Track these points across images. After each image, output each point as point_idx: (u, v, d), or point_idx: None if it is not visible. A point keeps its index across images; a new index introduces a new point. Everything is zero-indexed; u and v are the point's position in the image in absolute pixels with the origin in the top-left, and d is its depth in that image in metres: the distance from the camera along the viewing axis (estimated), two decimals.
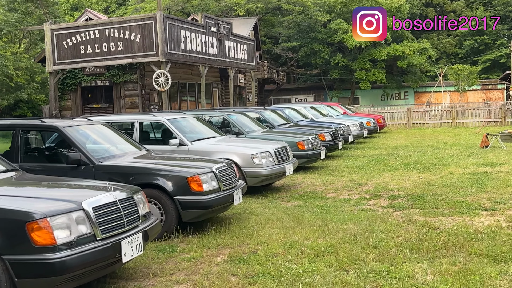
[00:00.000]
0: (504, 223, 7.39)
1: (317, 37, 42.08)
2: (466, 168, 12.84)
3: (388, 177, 11.98)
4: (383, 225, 7.45)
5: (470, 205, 8.65)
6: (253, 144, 10.96)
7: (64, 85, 22.64)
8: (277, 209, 8.99)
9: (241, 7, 36.77)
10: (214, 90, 28.14)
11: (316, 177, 12.51)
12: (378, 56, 41.90)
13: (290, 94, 47.86)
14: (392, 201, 9.40)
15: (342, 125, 18.80)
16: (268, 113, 16.91)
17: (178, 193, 7.06)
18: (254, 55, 28.32)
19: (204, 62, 22.46)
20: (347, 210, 8.73)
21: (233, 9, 37.47)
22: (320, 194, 10.30)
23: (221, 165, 7.73)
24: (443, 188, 10.34)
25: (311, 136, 13.86)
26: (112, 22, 20.20)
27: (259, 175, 10.11)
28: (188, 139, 10.57)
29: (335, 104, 27.70)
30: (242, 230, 7.43)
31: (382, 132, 26.44)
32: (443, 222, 7.60)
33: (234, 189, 7.77)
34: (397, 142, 20.66)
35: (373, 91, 46.83)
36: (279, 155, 10.62)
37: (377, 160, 14.99)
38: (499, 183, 10.56)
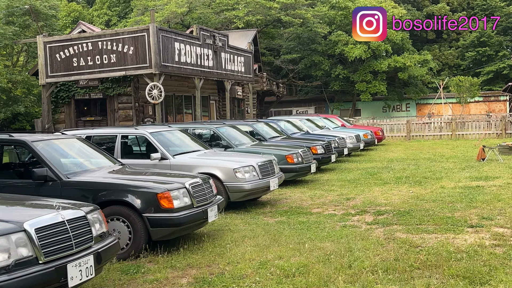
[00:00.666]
0: (488, 241, 7.09)
1: (318, 49, 41.92)
2: (459, 182, 12.53)
3: (377, 192, 11.68)
4: (362, 243, 7.15)
5: (456, 221, 8.34)
6: (237, 158, 10.70)
7: (57, 98, 22.48)
8: (257, 225, 8.70)
9: (240, 19, 36.68)
10: (211, 103, 27.95)
11: (304, 191, 12.23)
12: (378, 68, 41.69)
13: (291, 106, 47.64)
14: (377, 216, 9.10)
15: (337, 137, 18.52)
16: (260, 126, 16.66)
17: (147, 210, 6.80)
18: (251, 67, 28.14)
19: (199, 74, 22.26)
20: (329, 226, 8.44)
21: (233, 21, 37.38)
22: (305, 210, 10.01)
23: (195, 180, 7.47)
24: (432, 203, 10.04)
25: (301, 149, 13.59)
26: (105, 35, 20.06)
27: (242, 190, 9.84)
28: (170, 152, 10.33)
29: (333, 116, 27.43)
30: (216, 249, 7.15)
31: (381, 144, 26.14)
32: (425, 240, 7.30)
33: (209, 205, 7.49)
34: (394, 155, 20.36)
35: (375, 103, 46.59)
36: (264, 169, 10.35)
37: (370, 174, 14.69)
38: (490, 197, 10.24)
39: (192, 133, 13.72)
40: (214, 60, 23.51)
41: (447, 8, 52.64)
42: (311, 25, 39.82)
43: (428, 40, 54.25)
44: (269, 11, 38.18)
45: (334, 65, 43.32)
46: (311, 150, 15.22)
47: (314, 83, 45.15)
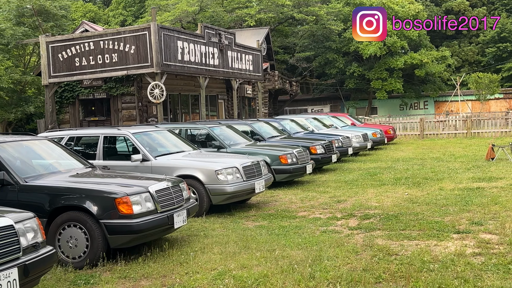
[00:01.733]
0: (470, 249, 6.59)
1: (332, 46, 41.33)
2: (460, 183, 11.96)
3: (372, 194, 11.19)
4: (335, 251, 6.71)
5: (444, 226, 7.84)
6: (221, 159, 10.31)
7: (62, 98, 22.38)
8: (234, 230, 8.31)
9: (252, 17, 36.27)
10: (219, 102, 27.61)
11: (297, 193, 11.79)
12: (394, 65, 40.93)
13: (306, 105, 47.08)
14: (362, 221, 8.63)
15: (340, 137, 18.00)
16: (259, 125, 16.25)
17: (105, 216, 6.45)
18: (260, 65, 27.72)
19: (204, 73, 21.93)
20: (308, 232, 8.00)
21: (244, 19, 36.98)
22: (291, 213, 9.58)
23: (161, 184, 7.09)
24: (425, 206, 9.53)
25: (296, 149, 13.14)
26: (107, 34, 19.84)
27: (224, 193, 9.45)
28: (153, 154, 10.01)
29: (343, 115, 26.88)
30: (180, 256, 6.77)
31: (392, 143, 25.50)
32: (404, 247, 6.83)
33: (177, 210, 7.11)
34: (402, 154, 19.76)
35: (391, 101, 45.80)
36: (249, 171, 9.95)
37: (370, 174, 14.18)
38: (487, 200, 9.69)
39: (185, 133, 13.41)
40: (220, 58, 23.16)
41: (467, 3, 51.48)
42: (325, 22, 39.22)
43: (447, 36, 53.13)
44: (282, 9, 37.73)
45: (349, 62, 42.66)
46: (310, 150, 14.81)
47: (328, 81, 44.54)
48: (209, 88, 26.17)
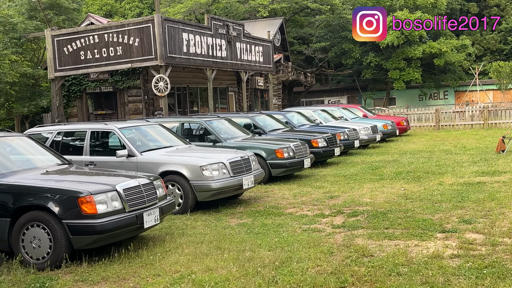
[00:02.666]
0: (450, 250, 6.23)
1: (348, 36, 40.54)
2: (461, 177, 11.52)
3: (367, 189, 10.82)
4: (309, 252, 6.41)
5: (431, 225, 7.47)
6: (208, 154, 10.04)
7: (69, 92, 22.36)
8: (214, 228, 8.05)
9: (265, 7, 35.83)
10: (230, 94, 27.35)
11: (292, 188, 11.48)
12: (412, 54, 40.11)
13: (323, 96, 46.54)
14: (349, 218, 8.30)
15: (346, 129, 17.59)
16: (261, 118, 15.94)
17: (67, 216, 6.23)
18: (271, 56, 27.32)
19: (211, 65, 21.66)
20: (289, 230, 7.71)
21: (257, 10, 36.57)
22: (279, 210, 9.29)
23: (131, 182, 6.85)
24: (418, 202, 9.15)
25: (293, 143, 12.81)
26: (111, 27, 19.69)
27: (209, 189, 9.18)
28: (140, 149, 9.80)
29: (354, 106, 26.39)
30: (149, 257, 6.54)
31: (405, 135, 24.96)
32: (383, 247, 6.49)
33: (148, 209, 6.87)
34: (412, 147, 19.27)
35: (410, 91, 44.98)
36: (236, 166, 9.66)
37: (372, 168, 13.79)
38: (484, 196, 9.27)
39: (181, 127, 13.19)
40: (228, 50, 22.86)
41: None
42: (340, 12, 38.60)
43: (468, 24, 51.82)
44: None
45: (365, 52, 41.96)
46: (311, 143, 14.48)
47: (345, 71, 43.91)
48: (218, 80, 25.95)
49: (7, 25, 28.61)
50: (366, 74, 42.47)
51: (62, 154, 10.34)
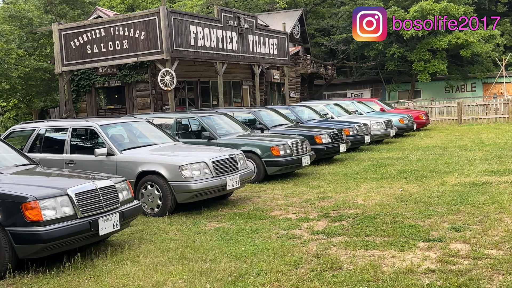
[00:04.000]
0: (428, 263, 5.59)
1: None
2: (468, 177, 10.77)
3: (364, 189, 10.18)
4: (275, 263, 5.85)
5: (417, 232, 6.83)
6: (191, 153, 9.52)
7: (79, 86, 22.12)
8: (186, 234, 7.55)
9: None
10: (244, 88, 26.79)
11: (286, 188, 10.90)
12: (438, 45, 38.74)
13: (345, 89, 45.54)
14: (332, 223, 7.70)
15: (356, 124, 16.88)
16: (264, 114, 15.37)
17: (11, 223, 5.80)
18: (286, 49, 26.63)
19: (221, 58, 21.13)
20: (265, 236, 7.15)
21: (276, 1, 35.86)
22: (263, 212, 8.73)
23: (86, 185, 6.37)
24: (412, 205, 8.48)
25: (291, 139, 12.21)
26: (117, 20, 19.31)
27: (188, 190, 8.67)
28: (120, 147, 9.35)
29: (371, 100, 25.57)
30: (101, 268, 6.07)
31: (425, 129, 24.05)
32: (355, 259, 5.89)
33: (104, 215, 6.39)
34: (428, 142, 18.43)
35: (436, 83, 43.63)
36: (220, 165, 9.12)
37: (377, 166, 13.09)
38: (485, 199, 8.55)
39: (175, 123, 12.73)
40: (239, 43, 22.29)
41: None
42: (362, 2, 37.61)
43: (497, 14, 50.15)
44: None
45: (389, 44, 40.80)
46: (314, 139, 13.87)
47: (367, 64, 42.82)
48: (232, 73, 25.45)
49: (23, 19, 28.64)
50: (390, 66, 41.28)
51: (44, 152, 10.05)
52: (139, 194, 8.97)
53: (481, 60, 43.02)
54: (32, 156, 9.94)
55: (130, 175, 8.96)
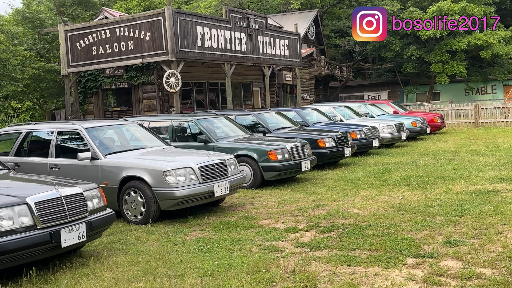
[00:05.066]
0: (411, 284, 5.09)
1: (388, 28, 38.70)
2: (474, 184, 10.17)
3: (362, 197, 9.64)
4: (245, 280, 5.39)
5: (408, 246, 6.30)
6: (178, 157, 9.07)
7: (86, 88, 21.89)
8: (164, 244, 7.11)
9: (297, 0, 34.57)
10: (254, 90, 26.34)
11: (283, 194, 10.41)
12: (457, 47, 37.81)
13: (362, 91, 44.80)
14: (320, 234, 7.21)
15: (365, 127, 16.30)
16: (268, 116, 14.90)
17: None
18: (298, 50, 26.10)
19: (229, 60, 20.72)
20: (246, 249, 6.69)
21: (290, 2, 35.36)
22: (252, 221, 8.26)
23: (48, 194, 5.97)
24: (410, 215, 7.94)
25: (290, 143, 11.72)
26: (122, 21, 19.01)
27: (173, 197, 8.22)
28: (104, 151, 8.95)
29: (384, 102, 24.95)
30: (59, 284, 5.65)
31: (439, 132, 23.34)
32: (334, 276, 5.40)
33: (68, 225, 5.98)
34: (441, 146, 17.77)
35: (455, 85, 42.67)
36: (208, 171, 8.66)
37: (381, 172, 12.52)
38: (488, 209, 7.97)
39: (172, 126, 12.33)
40: (248, 44, 21.86)
41: None
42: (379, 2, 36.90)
43: None
44: None
45: (406, 45, 39.98)
46: (318, 143, 13.37)
47: (384, 65, 42.04)
48: (242, 75, 25.04)
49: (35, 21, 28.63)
50: (407, 68, 40.44)
51: (29, 155, 9.73)
52: (123, 200, 8.57)
53: (502, 62, 41.95)
54: (17, 159, 9.71)
55: (114, 181, 8.59)
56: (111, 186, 8.63)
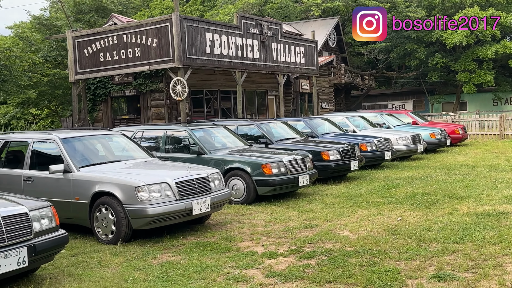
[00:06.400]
0: None
1: (412, 36, 37.74)
2: (485, 204, 9.29)
3: (357, 217, 8.85)
4: None
5: (391, 280, 5.55)
6: (154, 172, 8.42)
7: (95, 95, 21.51)
8: (124, 269, 6.46)
9: (318, 6, 33.81)
10: (269, 98, 25.65)
11: (275, 211, 9.68)
12: (484, 55, 36.56)
13: (386, 100, 43.71)
14: (298, 261, 6.46)
15: (376, 139, 15.45)
16: (272, 126, 14.20)
17: None
18: (315, 58, 25.32)
19: (240, 67, 20.08)
20: (209, 278, 5.99)
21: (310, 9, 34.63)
22: (230, 243, 7.55)
23: None
24: (404, 240, 7.14)
25: (288, 156, 10.97)
26: (130, 27, 18.55)
27: (145, 215, 7.55)
28: (79, 164, 8.37)
29: (403, 112, 24.00)
30: None
31: (461, 144, 22.28)
32: None
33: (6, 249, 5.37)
34: (459, 160, 16.80)
35: (483, 95, 41.29)
36: (185, 187, 7.97)
37: (387, 187, 11.67)
38: (493, 235, 7.11)
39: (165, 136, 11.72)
40: (261, 51, 21.21)
41: None
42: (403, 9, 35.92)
43: None
44: None
45: (431, 53, 38.83)
46: (321, 156, 12.61)
47: (408, 74, 40.90)
48: (256, 83, 24.42)
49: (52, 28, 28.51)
50: (433, 77, 39.27)
51: (6, 167, 9.21)
52: (94, 217, 7.95)
53: None
54: None
55: (85, 196, 7.99)
56: (82, 201, 8.03)
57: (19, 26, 36.45)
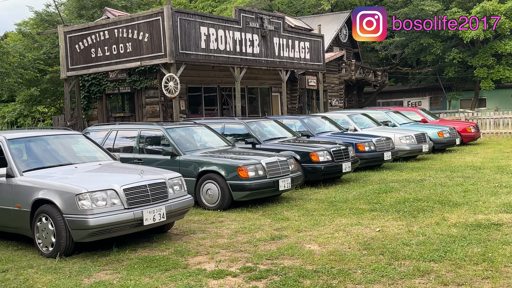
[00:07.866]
0: None
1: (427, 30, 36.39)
2: (479, 212, 8.31)
3: (333, 227, 7.94)
4: None
5: None
6: (101, 177, 7.61)
7: (90, 92, 20.85)
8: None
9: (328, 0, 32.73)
10: (274, 95, 24.71)
11: (248, 219, 8.82)
12: (503, 50, 35.17)
13: (402, 97, 42.41)
14: (246, 283, 5.62)
15: (375, 138, 14.47)
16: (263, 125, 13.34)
17: None
18: (321, 53, 24.33)
19: (238, 63, 19.22)
20: None
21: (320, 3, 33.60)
22: (182, 257, 6.73)
23: None
24: (374, 256, 6.23)
25: (268, 158, 10.09)
26: (121, 21, 17.80)
27: (85, 226, 6.74)
28: (23, 167, 7.61)
29: (412, 109, 22.84)
30: None
31: (473, 143, 21.12)
32: None
33: None
34: (466, 160, 15.72)
35: (502, 91, 39.79)
36: (135, 194, 7.13)
37: (377, 192, 10.72)
38: (478, 252, 6.17)
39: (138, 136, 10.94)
40: (262, 46, 20.32)
41: None
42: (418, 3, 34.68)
43: None
44: None
45: (448, 48, 37.49)
46: (310, 157, 11.70)
47: (424, 69, 39.58)
48: (259, 79, 23.53)
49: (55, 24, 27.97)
50: (449, 72, 37.92)
51: None
52: (35, 228, 7.18)
53: None
54: None
55: (26, 204, 7.24)
56: (23, 209, 7.28)
57: (27, 23, 36.15)
